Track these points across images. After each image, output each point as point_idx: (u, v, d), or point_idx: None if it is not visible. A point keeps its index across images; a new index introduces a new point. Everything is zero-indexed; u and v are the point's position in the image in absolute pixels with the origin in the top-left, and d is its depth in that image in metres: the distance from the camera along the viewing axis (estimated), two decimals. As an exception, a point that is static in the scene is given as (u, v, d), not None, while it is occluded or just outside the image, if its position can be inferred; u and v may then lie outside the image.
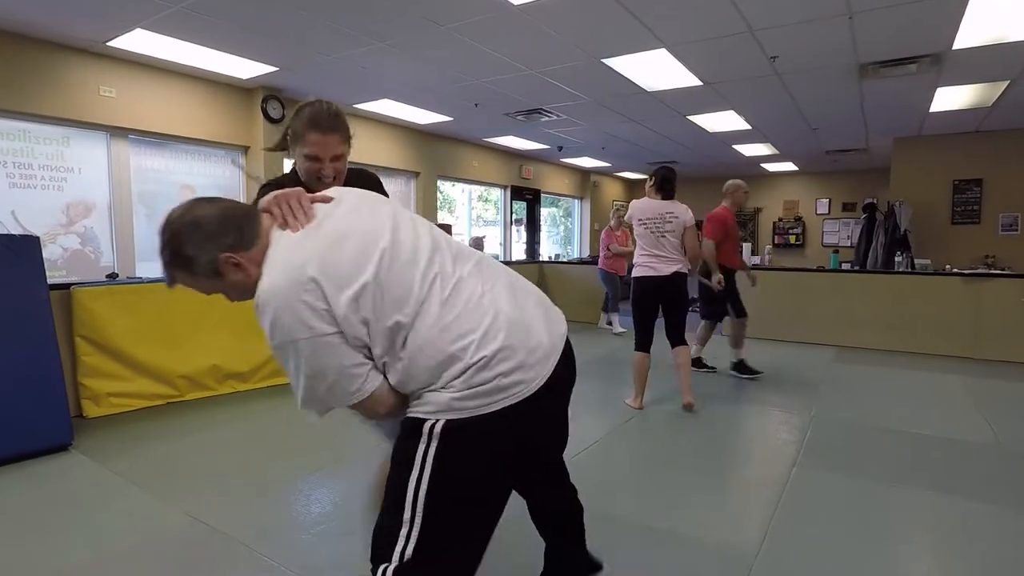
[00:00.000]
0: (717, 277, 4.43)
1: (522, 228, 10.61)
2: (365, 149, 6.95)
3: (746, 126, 7.25)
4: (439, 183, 8.40)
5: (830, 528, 2.30)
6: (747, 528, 2.30)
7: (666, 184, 3.80)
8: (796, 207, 11.89)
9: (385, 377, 1.19)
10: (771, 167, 11.08)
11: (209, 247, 1.14)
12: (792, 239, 11.84)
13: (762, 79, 5.24)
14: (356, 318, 1.12)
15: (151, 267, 5.18)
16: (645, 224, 3.76)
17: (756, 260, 9.52)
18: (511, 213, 10.15)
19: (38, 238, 3.25)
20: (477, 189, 9.67)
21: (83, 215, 4.76)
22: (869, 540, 2.21)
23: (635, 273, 3.85)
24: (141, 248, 5.13)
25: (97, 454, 3.07)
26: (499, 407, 1.15)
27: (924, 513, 2.46)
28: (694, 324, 4.80)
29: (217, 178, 5.70)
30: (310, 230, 1.18)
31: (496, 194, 10.08)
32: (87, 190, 4.77)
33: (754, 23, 3.96)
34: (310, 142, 1.58)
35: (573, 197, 12.04)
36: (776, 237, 11.99)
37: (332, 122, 1.60)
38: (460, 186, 9.30)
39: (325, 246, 1.15)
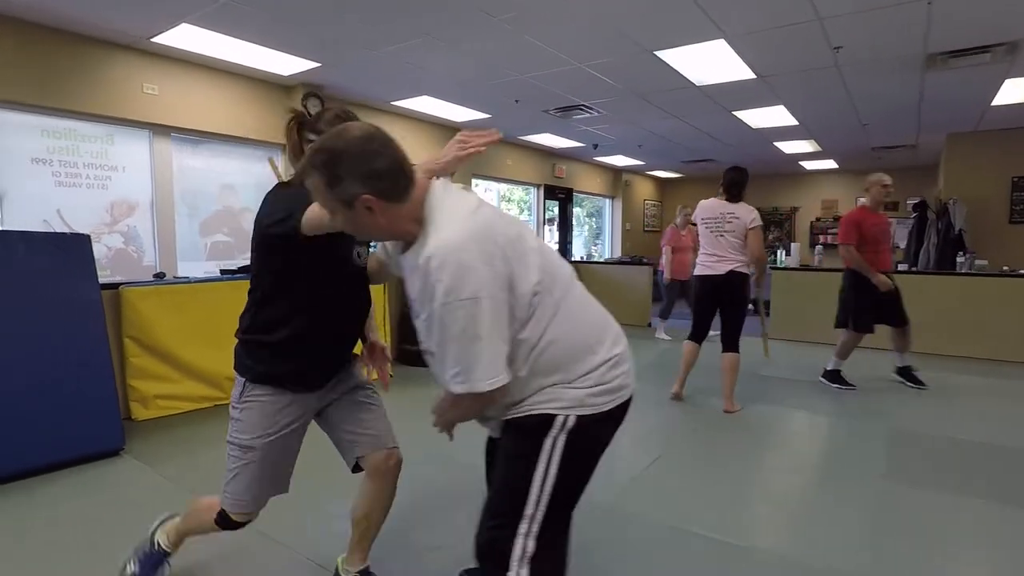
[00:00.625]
0: (879, 279, 4.20)
1: (554, 227, 10.45)
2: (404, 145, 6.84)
3: (793, 122, 7.01)
4: (473, 182, 8.28)
5: (949, 554, 2.11)
6: (855, 552, 2.11)
7: (733, 188, 3.82)
8: (835, 206, 11.54)
9: None
10: (809, 165, 10.76)
11: (361, 184, 1.10)
12: (826, 239, 11.48)
13: (820, 71, 5.01)
14: (531, 287, 1.12)
15: (192, 267, 5.12)
16: (707, 224, 3.84)
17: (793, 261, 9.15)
18: (544, 212, 9.99)
19: (88, 237, 3.18)
20: (501, 188, 9.50)
21: (126, 214, 4.71)
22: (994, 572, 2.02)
23: (696, 272, 3.94)
24: (183, 247, 5.08)
25: (149, 459, 2.98)
26: (613, 406, 1.22)
27: (1042, 537, 2.25)
28: (754, 327, 4.60)
29: (257, 176, 5.63)
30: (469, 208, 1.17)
31: (519, 193, 9.92)
32: (130, 189, 4.73)
33: (823, 10, 3.75)
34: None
35: (605, 196, 11.84)
36: (813, 237, 11.65)
37: (358, 117, 1.56)
38: (484, 185, 9.15)
39: (495, 214, 1.18)
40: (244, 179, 5.53)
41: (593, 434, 1.22)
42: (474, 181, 8.30)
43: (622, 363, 1.24)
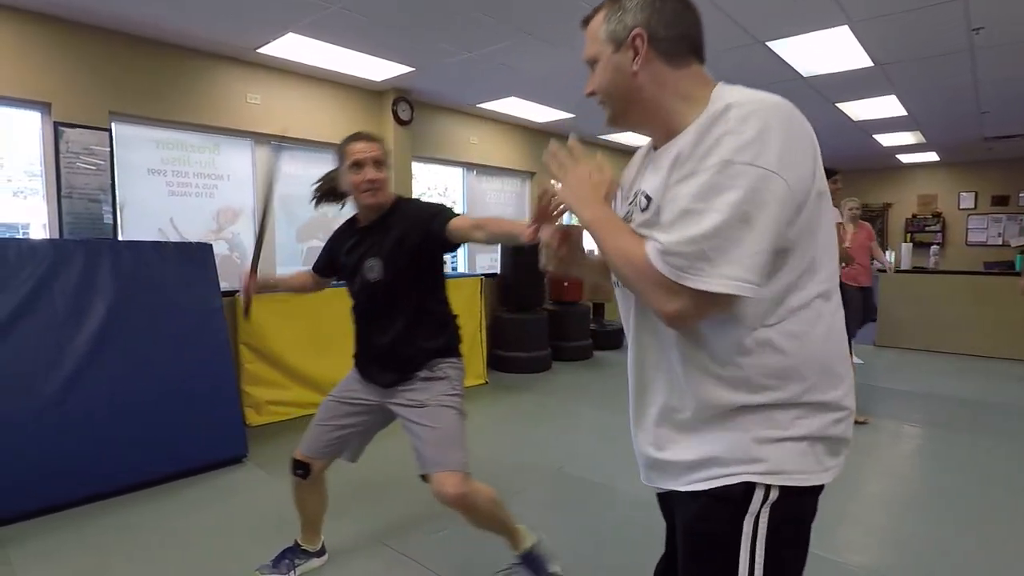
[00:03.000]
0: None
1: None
2: (484, 150, 6.78)
3: (901, 112, 6.50)
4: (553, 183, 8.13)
5: None
6: None
7: None
8: (934, 201, 10.71)
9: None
10: (907, 158, 10.03)
11: (644, 16, 0.94)
12: (924, 238, 10.63)
13: (949, 56, 4.59)
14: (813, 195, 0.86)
15: (290, 272, 5.21)
16: None
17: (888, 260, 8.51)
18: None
19: (211, 246, 3.24)
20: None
21: (231, 221, 4.83)
22: None
23: None
24: (282, 254, 5.18)
25: (272, 468, 2.99)
26: (830, 478, 0.91)
27: None
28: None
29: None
30: None
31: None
32: (234, 196, 4.84)
33: (970, -12, 3.40)
34: (353, 151, 1.80)
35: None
36: (909, 235, 10.85)
37: (370, 136, 1.86)
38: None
39: None
40: (336, 185, 5.59)
41: (799, 511, 0.91)
42: (555, 183, 8.15)
43: (851, 425, 0.94)
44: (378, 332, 1.84)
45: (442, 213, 1.77)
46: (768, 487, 0.87)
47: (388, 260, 1.78)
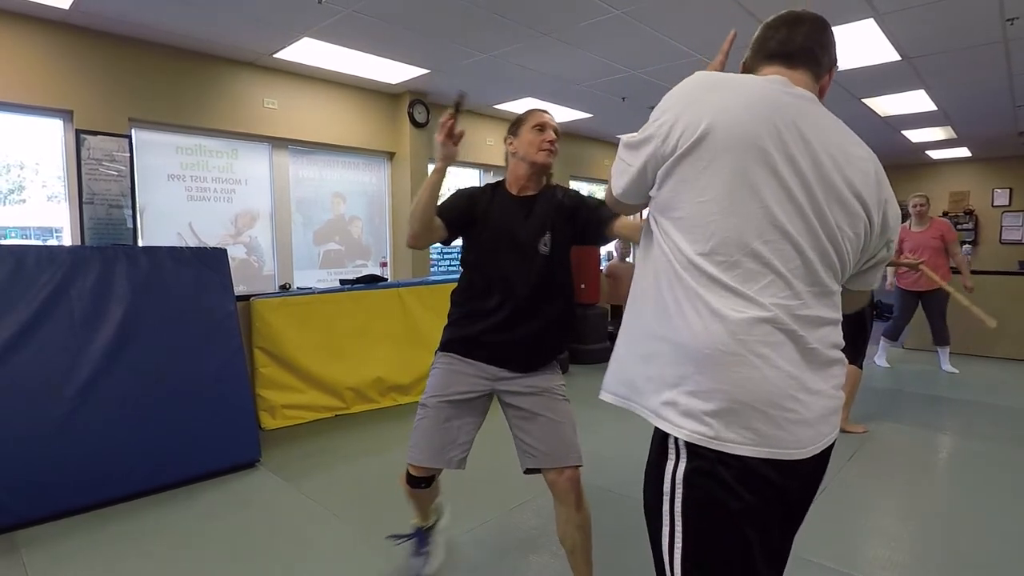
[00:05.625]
0: None
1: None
2: (501, 152, 6.74)
3: (931, 107, 6.29)
4: (571, 183, 8.07)
5: None
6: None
7: None
8: (966, 199, 10.38)
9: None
10: (937, 154, 9.73)
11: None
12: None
13: (982, 48, 4.42)
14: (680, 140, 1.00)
15: (307, 275, 5.24)
16: None
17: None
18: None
19: (225, 251, 3.25)
20: (593, 189, 9.24)
21: (249, 225, 4.87)
22: None
23: None
24: (299, 257, 5.21)
25: (286, 473, 2.98)
26: (754, 454, 0.92)
27: None
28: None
29: (365, 184, 5.70)
30: None
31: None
32: (252, 200, 4.89)
33: (1004, -23, 3.25)
34: (539, 116, 1.80)
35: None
36: (940, 233, 10.49)
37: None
38: (575, 185, 8.89)
39: (761, 83, 1.13)
40: (353, 187, 5.61)
41: (713, 489, 0.84)
42: (572, 182, 8.10)
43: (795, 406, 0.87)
44: (531, 312, 1.69)
45: (605, 207, 1.68)
46: (676, 441, 0.95)
47: (557, 234, 1.73)
